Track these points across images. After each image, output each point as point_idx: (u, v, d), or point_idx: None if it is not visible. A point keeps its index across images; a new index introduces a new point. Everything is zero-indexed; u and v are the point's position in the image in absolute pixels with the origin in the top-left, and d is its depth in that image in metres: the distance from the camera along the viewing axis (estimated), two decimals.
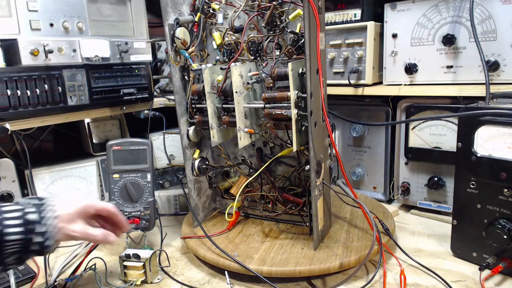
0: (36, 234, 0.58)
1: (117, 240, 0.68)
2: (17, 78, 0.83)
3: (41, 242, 0.59)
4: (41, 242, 0.59)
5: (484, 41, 0.83)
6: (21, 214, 0.58)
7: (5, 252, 0.57)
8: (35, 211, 0.60)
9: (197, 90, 0.81)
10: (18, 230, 0.57)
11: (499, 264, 0.68)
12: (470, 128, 0.70)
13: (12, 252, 0.58)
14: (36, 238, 0.58)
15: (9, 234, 0.56)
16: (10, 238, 0.56)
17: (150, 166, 0.86)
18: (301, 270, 0.69)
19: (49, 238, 0.60)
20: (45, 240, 0.59)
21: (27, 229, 0.58)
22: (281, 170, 0.88)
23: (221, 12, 0.83)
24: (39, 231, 0.59)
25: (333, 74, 1.02)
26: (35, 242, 0.58)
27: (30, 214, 0.59)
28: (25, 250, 0.59)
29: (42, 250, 0.59)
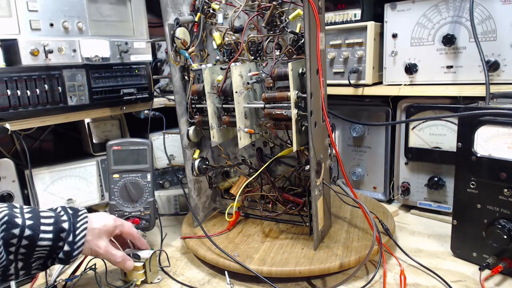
0: (65, 243, 0.60)
1: (132, 267, 0.71)
2: (17, 78, 0.83)
3: (68, 251, 0.60)
4: (68, 251, 0.60)
5: (484, 41, 0.83)
6: (55, 220, 0.60)
7: (34, 256, 0.58)
8: (67, 219, 0.61)
9: (197, 90, 0.81)
10: (49, 236, 0.58)
11: (499, 264, 0.68)
12: (470, 128, 0.70)
13: (39, 257, 0.59)
14: (64, 247, 0.60)
15: (42, 240, 0.57)
16: (42, 244, 0.58)
17: (150, 166, 0.86)
18: (301, 270, 0.69)
19: (76, 249, 0.61)
20: (72, 250, 0.60)
21: (58, 236, 0.59)
22: (281, 170, 0.88)
23: (221, 12, 0.83)
24: (69, 240, 0.60)
25: (333, 74, 1.02)
26: (63, 250, 0.60)
27: (63, 223, 0.60)
28: (51, 256, 0.60)
29: (67, 259, 0.61)
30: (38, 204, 0.98)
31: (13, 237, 0.55)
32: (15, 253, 0.56)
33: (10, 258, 0.56)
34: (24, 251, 0.57)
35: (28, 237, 0.56)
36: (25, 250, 0.57)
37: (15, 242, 0.56)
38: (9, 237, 0.55)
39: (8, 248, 0.56)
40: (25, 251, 0.57)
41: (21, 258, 0.57)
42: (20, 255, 0.57)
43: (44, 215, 0.60)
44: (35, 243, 0.57)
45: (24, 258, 0.58)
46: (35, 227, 0.57)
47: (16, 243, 0.56)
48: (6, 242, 0.55)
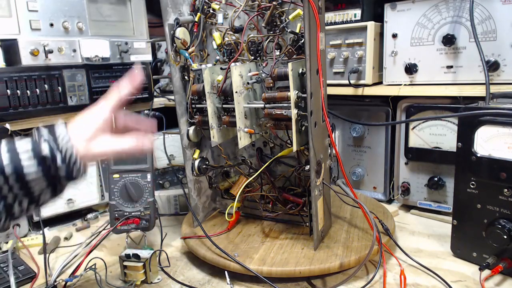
0: (57, 168, 0.54)
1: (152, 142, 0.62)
2: (17, 78, 0.83)
3: (66, 175, 0.55)
4: (65, 175, 0.55)
5: (484, 41, 0.83)
6: (33, 147, 0.54)
7: (35, 190, 0.54)
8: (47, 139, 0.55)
9: (197, 90, 0.81)
10: (34, 169, 0.53)
11: (499, 264, 0.68)
12: (470, 128, 0.70)
13: (43, 188, 0.55)
14: (59, 171, 0.55)
15: (29, 174, 0.52)
16: (32, 178, 0.53)
17: (150, 166, 0.86)
18: (301, 270, 0.69)
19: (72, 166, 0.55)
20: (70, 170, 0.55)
21: (44, 162, 0.53)
22: (281, 170, 0.88)
23: (221, 12, 0.83)
24: (59, 165, 0.54)
25: (333, 74, 1.02)
26: (60, 175, 0.55)
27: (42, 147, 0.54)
28: (53, 183, 0.55)
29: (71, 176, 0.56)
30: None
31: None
32: (13, 194, 0.52)
33: (9, 202, 0.52)
34: (19, 192, 0.53)
35: (13, 175, 0.52)
36: (20, 191, 0.53)
37: (2, 182, 0.51)
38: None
39: (1, 192, 0.52)
40: (21, 191, 0.53)
41: (23, 193, 0.53)
42: (21, 196, 0.53)
43: (21, 150, 0.53)
44: (24, 178, 0.52)
45: (26, 195, 0.54)
46: (14, 160, 0.52)
47: (4, 183, 0.52)
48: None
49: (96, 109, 0.62)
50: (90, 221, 1.04)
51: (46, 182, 0.55)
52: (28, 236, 0.96)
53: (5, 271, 0.78)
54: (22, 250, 0.89)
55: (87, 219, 1.05)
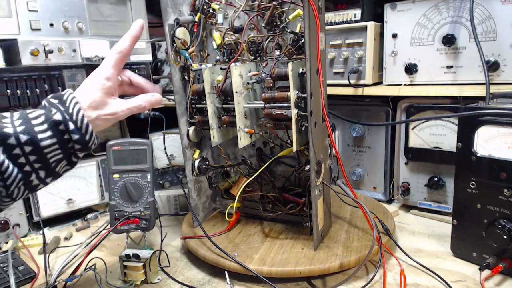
0: (70, 132, 0.54)
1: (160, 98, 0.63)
2: (17, 78, 0.83)
3: (79, 139, 0.54)
4: (79, 138, 0.54)
5: (484, 41, 0.83)
6: (46, 117, 0.53)
7: (51, 160, 0.54)
8: (57, 111, 0.54)
9: (197, 90, 0.81)
10: (49, 134, 0.53)
11: (499, 264, 0.67)
12: (470, 128, 0.70)
13: (58, 160, 0.54)
14: (72, 136, 0.54)
15: (43, 140, 0.52)
16: (46, 143, 0.52)
17: (150, 166, 0.86)
18: (301, 270, 0.69)
19: (85, 132, 0.55)
20: (82, 135, 0.54)
21: (58, 130, 0.53)
22: (281, 170, 0.88)
23: (221, 12, 0.83)
24: (71, 129, 0.54)
25: (333, 74, 1.02)
26: (73, 140, 0.54)
27: (55, 115, 0.54)
28: (68, 152, 0.55)
29: (86, 145, 0.55)
30: (38, 204, 0.98)
31: (14, 148, 0.51)
32: (28, 163, 0.52)
33: (26, 169, 0.52)
34: (35, 157, 0.52)
35: (27, 142, 0.51)
36: (36, 157, 0.52)
37: (19, 152, 0.51)
38: (10, 150, 0.51)
39: (16, 160, 0.51)
40: (36, 157, 0.52)
41: (39, 167, 0.53)
42: (35, 163, 0.53)
43: (32, 116, 0.53)
44: (39, 146, 0.52)
45: (42, 166, 0.53)
46: (28, 129, 0.52)
47: (21, 152, 0.51)
48: (10, 154, 0.51)
49: (99, 70, 0.60)
50: (90, 221, 1.04)
51: (61, 151, 0.54)
52: (28, 236, 0.96)
53: (5, 271, 0.78)
54: (22, 250, 0.90)
55: (87, 219, 1.05)
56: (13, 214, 0.94)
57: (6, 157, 0.50)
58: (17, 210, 0.95)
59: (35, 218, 0.98)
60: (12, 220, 0.94)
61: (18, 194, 0.54)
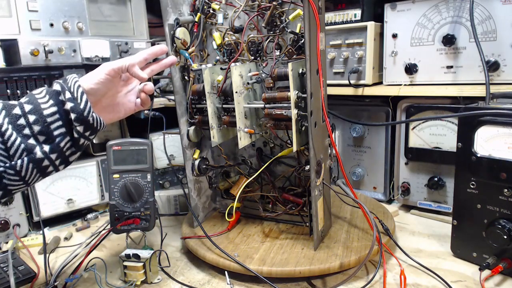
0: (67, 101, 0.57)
1: None
2: (17, 78, 0.83)
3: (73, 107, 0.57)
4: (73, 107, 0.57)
5: (484, 41, 0.83)
6: (47, 90, 0.58)
7: (55, 133, 0.56)
8: (57, 83, 0.59)
9: (197, 90, 0.81)
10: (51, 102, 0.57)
11: (499, 264, 0.68)
12: (470, 128, 0.70)
13: (62, 133, 0.57)
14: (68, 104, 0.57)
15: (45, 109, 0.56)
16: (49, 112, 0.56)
17: (150, 166, 0.86)
18: (301, 270, 0.69)
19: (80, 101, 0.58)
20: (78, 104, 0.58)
21: (58, 99, 0.58)
22: (281, 170, 0.88)
23: (221, 12, 0.83)
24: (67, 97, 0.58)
25: (333, 74, 1.02)
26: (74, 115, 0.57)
27: (54, 86, 0.59)
28: (69, 123, 0.58)
29: (83, 116, 0.58)
30: (38, 204, 0.98)
31: (18, 118, 0.55)
32: (33, 135, 0.55)
33: (31, 142, 0.55)
34: (39, 128, 0.55)
35: (31, 111, 0.55)
36: (39, 127, 0.55)
37: (23, 123, 0.55)
38: (15, 119, 0.54)
39: (22, 131, 0.54)
40: (40, 128, 0.55)
41: (44, 140, 0.56)
42: (39, 135, 0.56)
43: (36, 92, 0.58)
44: (42, 113, 0.56)
45: (46, 138, 0.56)
46: (32, 100, 0.56)
47: (25, 122, 0.55)
48: (15, 125, 0.54)
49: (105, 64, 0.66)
50: (90, 221, 1.04)
51: (62, 122, 0.57)
52: (28, 236, 0.96)
53: (5, 271, 0.78)
54: (22, 250, 0.90)
55: (87, 219, 1.05)
56: (13, 214, 0.94)
57: (12, 127, 0.54)
58: (17, 210, 0.95)
59: (35, 218, 0.98)
60: (12, 220, 0.94)
61: (25, 171, 0.55)
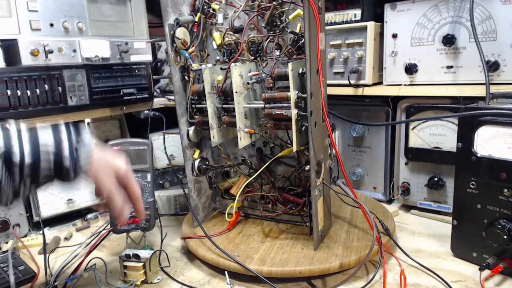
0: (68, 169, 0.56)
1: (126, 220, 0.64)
2: (17, 78, 0.83)
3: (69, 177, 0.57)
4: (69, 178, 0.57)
5: (484, 41, 0.83)
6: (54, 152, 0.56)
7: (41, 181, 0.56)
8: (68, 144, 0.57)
9: (197, 90, 0.81)
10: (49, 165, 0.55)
11: (499, 264, 0.68)
12: (470, 128, 0.70)
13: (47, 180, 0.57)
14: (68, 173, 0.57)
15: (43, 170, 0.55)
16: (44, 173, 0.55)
17: (150, 166, 0.86)
18: (301, 270, 0.69)
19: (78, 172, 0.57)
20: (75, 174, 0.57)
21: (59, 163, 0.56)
22: (281, 170, 0.88)
23: (221, 12, 0.83)
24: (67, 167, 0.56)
25: (333, 74, 1.02)
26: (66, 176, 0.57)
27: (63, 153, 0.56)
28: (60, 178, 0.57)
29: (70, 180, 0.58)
30: (38, 204, 0.98)
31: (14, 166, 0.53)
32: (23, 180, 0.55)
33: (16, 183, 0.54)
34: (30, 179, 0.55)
35: (29, 166, 0.54)
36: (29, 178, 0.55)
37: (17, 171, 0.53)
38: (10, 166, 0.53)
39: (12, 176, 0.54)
40: (30, 179, 0.55)
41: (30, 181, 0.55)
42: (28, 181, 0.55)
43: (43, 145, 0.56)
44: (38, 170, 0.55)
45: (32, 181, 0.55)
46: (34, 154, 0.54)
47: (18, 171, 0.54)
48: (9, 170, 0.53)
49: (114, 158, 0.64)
50: (90, 221, 1.04)
51: (53, 175, 0.57)
52: (28, 236, 0.96)
53: (5, 271, 0.78)
54: (22, 250, 0.89)
55: (87, 219, 1.05)
56: (13, 214, 0.94)
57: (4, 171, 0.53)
58: (17, 210, 0.95)
59: (35, 218, 0.98)
60: (12, 220, 0.94)
61: None
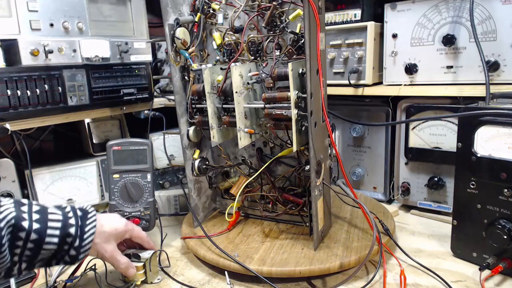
0: (71, 247, 0.59)
1: (134, 274, 0.71)
2: (17, 78, 0.83)
3: (74, 255, 0.59)
4: (74, 255, 0.59)
5: (484, 41, 0.83)
6: (62, 225, 0.58)
7: (38, 258, 0.58)
8: (75, 224, 0.60)
9: (197, 90, 0.81)
10: (55, 240, 0.57)
11: (499, 264, 0.68)
12: (470, 128, 0.70)
13: (43, 258, 0.58)
14: (70, 251, 0.59)
15: (48, 244, 0.57)
16: (47, 247, 0.57)
17: (150, 166, 0.86)
18: (301, 270, 0.69)
19: (82, 252, 0.60)
20: (77, 254, 0.60)
21: (65, 241, 0.58)
22: (281, 170, 0.88)
23: (221, 12, 0.83)
24: (75, 246, 0.59)
25: (333, 74, 1.02)
26: (69, 254, 0.59)
27: (71, 227, 0.59)
28: (55, 257, 0.59)
29: (71, 262, 0.60)
30: None
31: (19, 240, 0.55)
32: (20, 255, 0.56)
33: (15, 260, 0.56)
34: (29, 253, 0.57)
35: (34, 241, 0.56)
36: (30, 253, 0.57)
37: (20, 245, 0.55)
38: (15, 241, 0.55)
39: (14, 250, 0.55)
40: (30, 253, 0.57)
41: (26, 260, 0.57)
42: (25, 257, 0.57)
43: (52, 218, 0.58)
44: (41, 246, 0.56)
45: (28, 260, 0.57)
46: (42, 231, 0.56)
47: (22, 245, 0.55)
48: (12, 245, 0.55)
49: (125, 221, 0.71)
50: None
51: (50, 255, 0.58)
52: None
53: None
54: None
55: None
56: None
57: (8, 245, 0.54)
58: None
59: None
60: None
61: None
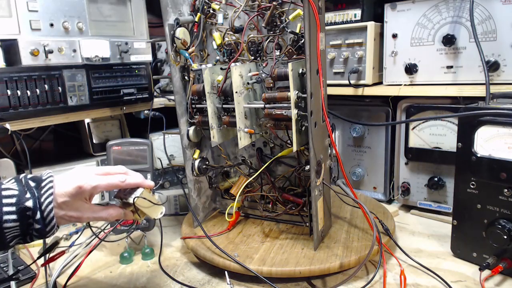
0: (34, 221, 0.56)
1: (118, 214, 0.65)
2: (17, 78, 0.83)
3: (40, 229, 0.57)
4: (40, 228, 0.57)
5: (484, 41, 0.83)
6: (17, 200, 0.55)
7: (7, 237, 0.55)
8: (31, 196, 0.56)
9: (197, 90, 0.81)
10: (14, 217, 0.55)
11: (499, 264, 0.68)
12: (470, 128, 0.70)
13: (14, 236, 0.56)
14: (35, 225, 0.56)
15: (7, 222, 0.54)
16: (8, 226, 0.54)
17: (150, 166, 0.86)
18: (301, 270, 0.69)
19: (47, 225, 0.57)
20: (44, 226, 0.57)
21: (25, 215, 0.55)
22: (281, 170, 0.88)
23: (221, 12, 0.83)
24: (37, 218, 0.56)
25: (333, 74, 1.02)
26: (34, 228, 0.57)
27: (27, 201, 0.56)
28: (26, 234, 0.57)
29: (42, 235, 0.57)
30: None
31: None
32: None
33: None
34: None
35: None
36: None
37: None
38: None
39: None
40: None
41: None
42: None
43: (5, 194, 0.55)
44: (1, 225, 0.54)
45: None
46: None
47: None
48: None
49: (91, 174, 0.63)
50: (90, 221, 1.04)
51: (19, 231, 0.56)
52: None
53: (5, 271, 0.78)
54: (22, 250, 0.89)
55: None
56: None
57: None
58: None
59: None
60: None
61: None
